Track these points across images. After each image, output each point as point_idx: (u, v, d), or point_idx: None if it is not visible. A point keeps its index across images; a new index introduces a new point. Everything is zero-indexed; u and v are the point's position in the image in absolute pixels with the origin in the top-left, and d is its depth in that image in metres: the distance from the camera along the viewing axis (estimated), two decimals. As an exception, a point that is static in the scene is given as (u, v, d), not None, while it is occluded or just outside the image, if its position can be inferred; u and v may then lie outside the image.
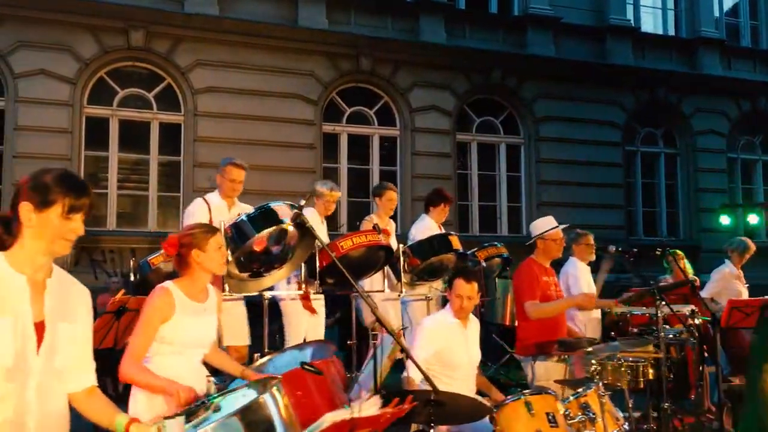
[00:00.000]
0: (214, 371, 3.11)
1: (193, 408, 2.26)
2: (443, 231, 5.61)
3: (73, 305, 2.07)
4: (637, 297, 4.60)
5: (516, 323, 5.94)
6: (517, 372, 5.98)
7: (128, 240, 9.69)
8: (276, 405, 2.02)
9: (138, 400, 2.74)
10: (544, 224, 4.78)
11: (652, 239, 12.97)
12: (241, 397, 2.18)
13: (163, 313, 2.77)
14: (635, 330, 5.16)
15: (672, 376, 4.80)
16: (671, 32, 13.91)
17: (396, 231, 6.21)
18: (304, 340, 4.61)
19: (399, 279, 4.94)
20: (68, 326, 2.02)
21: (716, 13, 13.97)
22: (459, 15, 12.06)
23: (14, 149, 9.20)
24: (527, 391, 3.14)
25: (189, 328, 2.83)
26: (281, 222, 3.92)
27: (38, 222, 1.94)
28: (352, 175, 11.37)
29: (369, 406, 1.88)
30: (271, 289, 4.32)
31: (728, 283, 6.61)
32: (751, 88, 13.80)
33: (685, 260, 6.95)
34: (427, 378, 2.63)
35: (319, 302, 4.92)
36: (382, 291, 5.04)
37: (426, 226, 5.73)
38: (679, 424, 5.07)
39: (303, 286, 4.38)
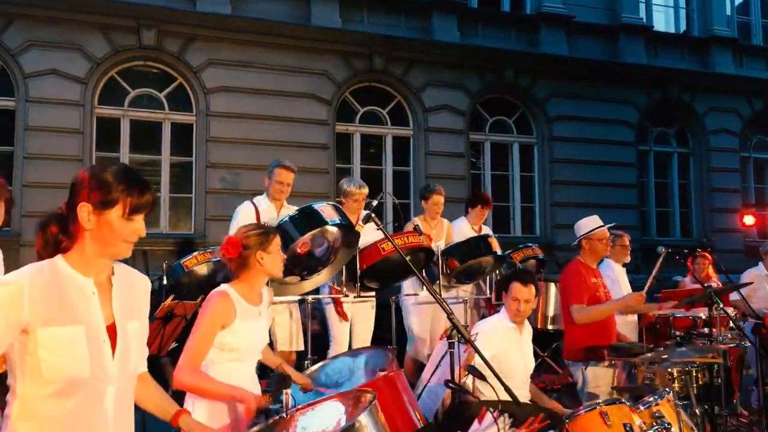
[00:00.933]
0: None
1: (273, 423, 2.10)
2: (480, 233, 5.46)
3: (137, 300, 1.96)
4: (692, 300, 4.46)
5: (556, 326, 5.83)
6: (554, 376, 5.83)
7: (140, 242, 9.45)
8: (375, 426, 1.87)
9: (198, 409, 2.57)
10: (590, 223, 4.64)
11: (665, 239, 12.85)
12: (330, 411, 2.02)
13: (223, 319, 2.63)
14: (678, 333, 5.01)
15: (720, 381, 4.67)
16: (683, 31, 13.80)
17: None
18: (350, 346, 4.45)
19: (435, 281, 4.79)
20: (136, 324, 1.91)
21: (728, 12, 13.87)
22: (471, 14, 11.93)
23: (25, 150, 9.02)
24: (601, 400, 2.99)
25: (250, 334, 2.70)
26: (325, 223, 3.77)
27: (98, 224, 1.80)
28: (366, 175, 11.18)
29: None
30: (316, 292, 4.17)
31: (757, 285, 6.46)
32: (763, 86, 13.70)
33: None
34: (505, 387, 2.48)
35: (367, 305, 4.77)
36: (416, 294, 4.90)
37: (459, 229, 5.59)
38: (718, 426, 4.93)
39: (343, 290, 4.22)
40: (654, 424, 2.94)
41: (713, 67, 13.36)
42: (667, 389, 3.19)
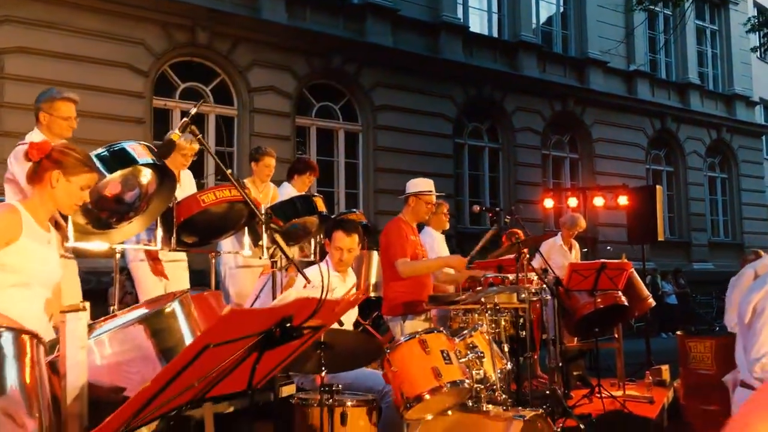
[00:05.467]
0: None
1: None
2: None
3: None
4: (507, 250, 4.74)
5: (378, 294, 5.90)
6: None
7: None
8: (185, 315, 1.70)
9: None
10: (423, 185, 4.76)
11: (477, 228, 13.72)
12: (132, 314, 1.81)
13: (8, 232, 2.29)
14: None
15: (524, 334, 5.03)
16: (495, 34, 14.86)
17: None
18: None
19: (259, 241, 4.61)
20: None
21: (534, 20, 15.19)
22: (300, -4, 11.86)
23: None
24: (421, 330, 3.06)
25: (38, 258, 2.39)
26: (136, 162, 3.46)
27: None
28: (186, 154, 10.65)
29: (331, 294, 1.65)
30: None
31: (551, 254, 6.98)
32: (561, 90, 15.18)
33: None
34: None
35: (181, 264, 4.46)
36: (236, 252, 4.71)
37: (289, 194, 5.47)
38: (515, 387, 5.27)
39: (156, 244, 3.90)
40: (468, 352, 3.07)
41: (521, 69, 14.54)
42: (480, 323, 3.37)
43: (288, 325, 1.37)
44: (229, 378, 1.33)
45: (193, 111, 2.41)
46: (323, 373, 2.71)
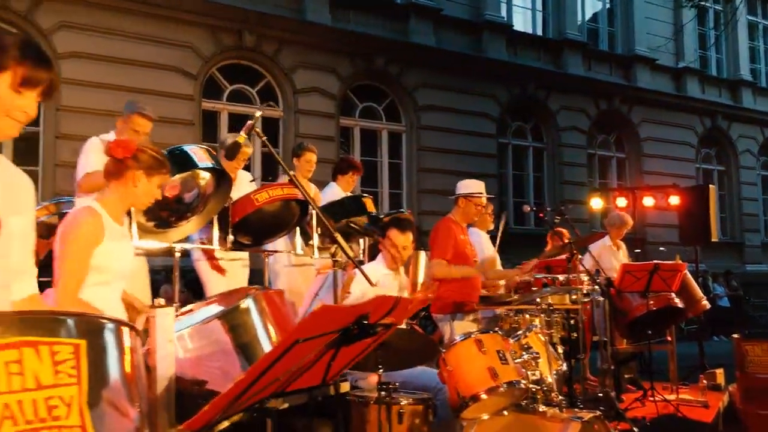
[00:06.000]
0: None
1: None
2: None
3: (22, 197, 1.71)
4: (558, 250, 4.70)
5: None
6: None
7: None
8: (259, 311, 1.75)
9: None
10: (474, 186, 4.76)
11: (521, 228, 13.60)
12: (208, 311, 1.87)
13: (95, 237, 2.39)
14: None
15: (575, 335, 4.98)
16: (540, 32, 14.70)
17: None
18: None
19: (309, 240, 4.67)
20: (21, 220, 1.66)
21: (579, 18, 14.98)
22: (344, -2, 11.95)
23: None
24: (476, 329, 3.06)
25: (118, 255, 2.49)
26: (196, 166, 3.55)
27: None
28: (233, 155, 10.83)
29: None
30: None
31: (603, 256, 6.88)
32: (607, 89, 14.93)
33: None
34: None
35: (243, 262, 4.55)
36: (288, 251, 4.76)
37: (334, 194, 5.52)
38: (566, 389, 5.22)
39: (213, 243, 3.98)
40: (524, 353, 3.06)
41: (565, 68, 14.35)
42: (534, 324, 3.35)
43: (365, 322, 1.40)
44: (306, 373, 1.38)
45: (258, 114, 2.47)
46: (380, 371, 2.73)
